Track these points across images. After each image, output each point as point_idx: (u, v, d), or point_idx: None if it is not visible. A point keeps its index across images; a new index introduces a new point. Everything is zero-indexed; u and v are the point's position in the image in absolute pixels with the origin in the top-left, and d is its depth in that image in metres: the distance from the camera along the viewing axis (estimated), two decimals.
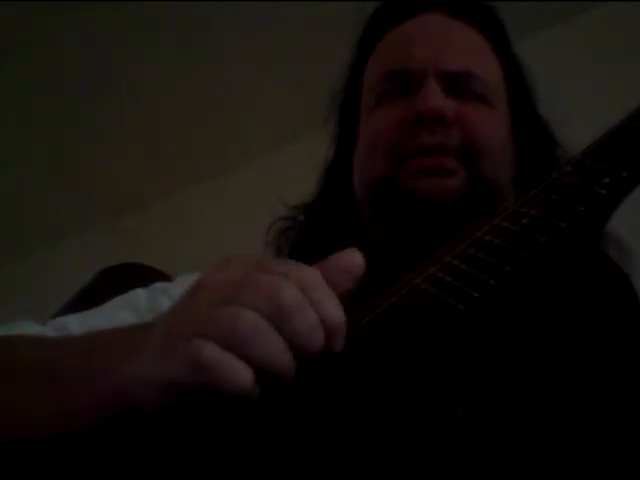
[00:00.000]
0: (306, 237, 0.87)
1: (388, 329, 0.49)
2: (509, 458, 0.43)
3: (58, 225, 2.20)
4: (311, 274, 0.46)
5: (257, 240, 0.89)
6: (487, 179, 0.77)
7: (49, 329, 0.75)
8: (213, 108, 1.91)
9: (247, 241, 0.85)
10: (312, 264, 0.48)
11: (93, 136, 1.97)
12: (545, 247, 0.51)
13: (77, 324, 0.76)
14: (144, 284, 0.84)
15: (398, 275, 0.54)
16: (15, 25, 1.65)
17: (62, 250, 2.24)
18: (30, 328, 0.74)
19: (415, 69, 0.79)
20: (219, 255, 0.88)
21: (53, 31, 1.68)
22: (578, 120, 0.87)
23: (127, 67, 1.80)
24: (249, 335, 0.43)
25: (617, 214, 0.56)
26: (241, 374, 0.42)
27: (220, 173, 2.06)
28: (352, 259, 0.48)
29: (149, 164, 2.07)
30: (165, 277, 0.98)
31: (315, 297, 0.45)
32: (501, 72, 0.84)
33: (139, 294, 0.81)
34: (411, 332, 0.48)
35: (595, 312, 0.49)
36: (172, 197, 2.15)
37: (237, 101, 1.88)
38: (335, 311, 0.45)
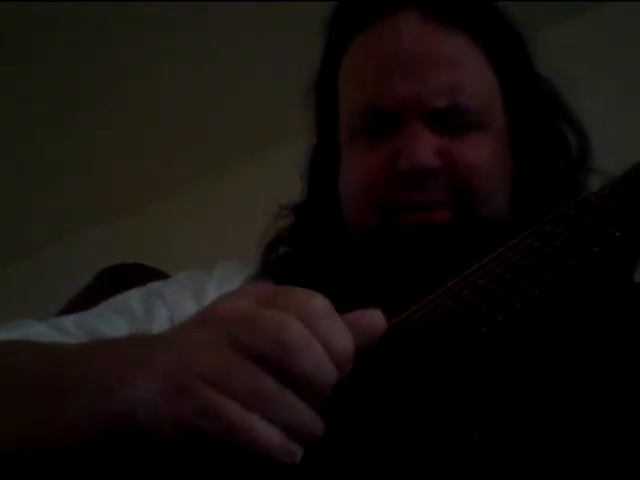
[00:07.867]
0: (295, 249, 0.85)
1: (409, 346, 0.49)
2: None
3: (58, 225, 2.20)
4: (319, 305, 0.45)
5: (256, 240, 0.89)
6: (481, 218, 0.74)
7: (50, 329, 0.74)
8: (213, 108, 1.91)
9: (246, 241, 0.85)
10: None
11: (93, 136, 1.97)
12: (576, 271, 0.49)
13: (73, 325, 0.76)
14: (143, 285, 0.84)
15: (419, 292, 0.53)
16: (15, 25, 1.65)
17: (62, 250, 2.24)
18: (31, 328, 0.74)
19: (397, 108, 0.73)
20: (218, 255, 0.89)
21: (54, 31, 1.68)
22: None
23: (127, 67, 1.80)
24: (252, 389, 0.43)
25: None
26: (257, 428, 0.42)
27: (220, 173, 2.06)
28: (373, 320, 0.47)
29: (149, 164, 2.07)
30: (165, 277, 0.97)
31: (321, 328, 0.44)
32: (494, 78, 0.77)
33: (133, 297, 0.81)
34: (431, 351, 0.48)
35: (620, 345, 0.48)
36: (172, 197, 2.15)
37: (237, 101, 1.88)
38: (342, 341, 0.45)
